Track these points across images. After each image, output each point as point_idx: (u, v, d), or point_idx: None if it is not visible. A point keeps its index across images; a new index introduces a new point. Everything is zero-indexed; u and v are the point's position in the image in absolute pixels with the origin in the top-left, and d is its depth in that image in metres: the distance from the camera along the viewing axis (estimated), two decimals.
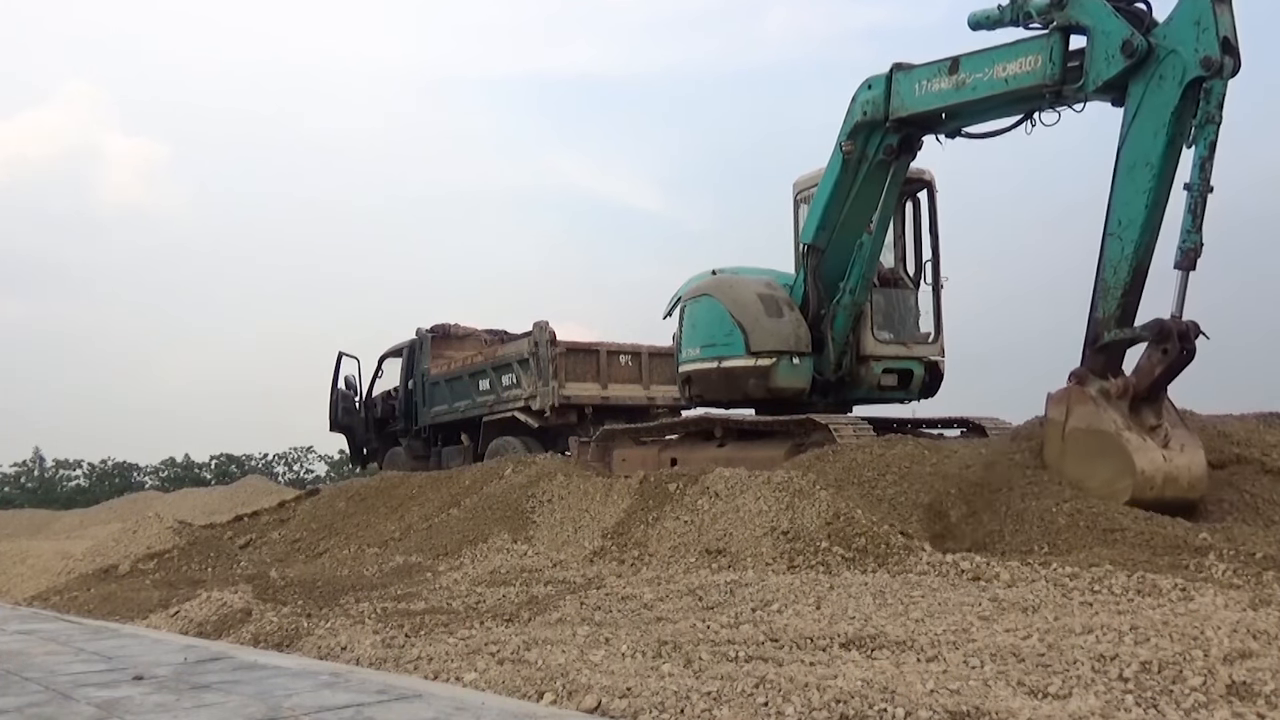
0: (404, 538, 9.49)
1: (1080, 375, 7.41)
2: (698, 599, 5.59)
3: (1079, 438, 7.27)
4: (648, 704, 3.48)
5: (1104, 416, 7.17)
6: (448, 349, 18.13)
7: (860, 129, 9.47)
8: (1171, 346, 7.08)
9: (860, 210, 9.80)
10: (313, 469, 42.55)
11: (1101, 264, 7.51)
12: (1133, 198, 7.34)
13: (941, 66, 8.74)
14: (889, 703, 3.23)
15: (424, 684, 4.17)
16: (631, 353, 16.10)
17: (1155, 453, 7.09)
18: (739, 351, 10.08)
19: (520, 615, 5.51)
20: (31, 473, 41.50)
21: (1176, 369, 7.22)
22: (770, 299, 10.20)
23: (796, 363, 9.96)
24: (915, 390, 10.52)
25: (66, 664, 4.98)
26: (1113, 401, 7.24)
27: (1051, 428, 7.49)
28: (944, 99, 8.79)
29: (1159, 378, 7.24)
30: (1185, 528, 6.64)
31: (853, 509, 6.90)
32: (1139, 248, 7.35)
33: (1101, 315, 7.49)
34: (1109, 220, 7.48)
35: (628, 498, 8.40)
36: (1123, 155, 7.45)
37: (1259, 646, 3.78)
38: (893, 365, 10.33)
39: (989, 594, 5.17)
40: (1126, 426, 7.13)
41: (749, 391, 10.18)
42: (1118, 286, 7.42)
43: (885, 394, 10.48)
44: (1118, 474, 7.03)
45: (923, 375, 10.47)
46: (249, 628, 6.05)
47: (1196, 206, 7.01)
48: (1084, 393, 7.29)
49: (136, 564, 10.63)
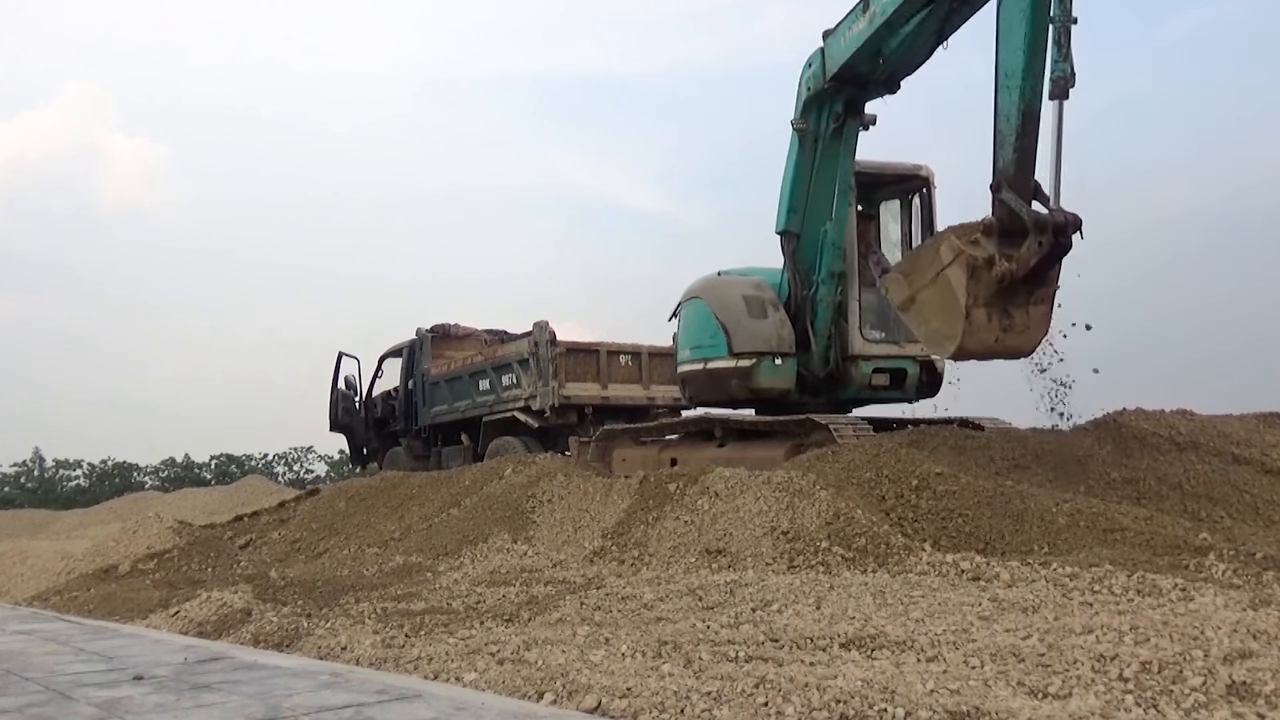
0: (404, 538, 9.49)
1: (987, 226, 7.67)
2: (698, 599, 5.59)
3: (942, 287, 7.67)
4: (648, 704, 3.48)
5: (966, 286, 7.52)
6: (448, 349, 18.13)
7: (810, 105, 9.77)
8: (1045, 240, 7.39)
9: (824, 189, 9.98)
10: (313, 469, 42.57)
11: (996, 117, 7.78)
12: (1013, 50, 7.63)
13: (856, 11, 9.11)
14: (889, 703, 3.23)
15: (424, 684, 4.17)
16: (631, 353, 16.09)
17: (989, 334, 7.57)
18: (722, 353, 10.20)
19: (520, 615, 5.51)
20: (31, 473, 41.48)
21: (1050, 261, 7.53)
22: (756, 300, 10.28)
23: (779, 363, 10.00)
24: (911, 390, 10.41)
25: (67, 664, 4.99)
26: (984, 273, 7.56)
27: (932, 261, 7.87)
28: (863, 37, 9.09)
29: (1034, 269, 7.53)
30: (1185, 528, 6.64)
31: (853, 509, 6.90)
32: (1024, 93, 7.61)
33: (1002, 163, 7.74)
34: (997, 76, 7.77)
35: (628, 498, 8.40)
36: (1001, 13, 7.80)
37: (1259, 646, 3.78)
38: (884, 365, 10.23)
39: (989, 594, 5.17)
40: (977, 304, 7.51)
41: (732, 392, 10.28)
42: (1011, 133, 7.67)
43: (878, 394, 10.38)
44: (945, 338, 7.63)
45: (918, 375, 10.35)
46: (249, 628, 6.06)
47: (1061, 38, 7.39)
48: (970, 257, 7.57)
49: (136, 564, 10.65)
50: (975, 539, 6.71)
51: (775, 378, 10.02)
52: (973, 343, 7.53)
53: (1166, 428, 8.55)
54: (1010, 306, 7.60)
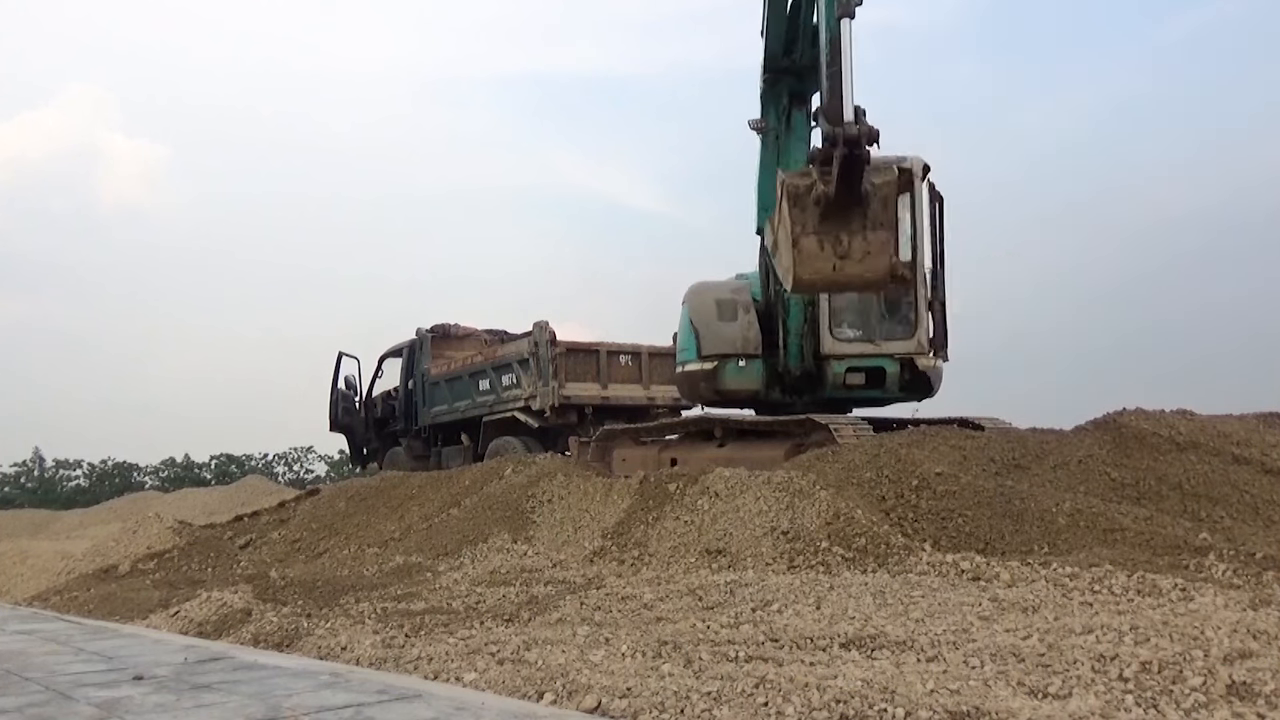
0: (404, 538, 9.49)
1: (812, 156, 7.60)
2: (698, 599, 5.59)
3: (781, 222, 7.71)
4: (648, 704, 3.48)
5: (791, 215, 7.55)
6: (448, 349, 18.15)
7: (764, 103, 10.11)
8: (839, 153, 7.28)
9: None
10: (313, 469, 42.61)
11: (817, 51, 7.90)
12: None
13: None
14: (889, 703, 3.23)
15: (424, 684, 4.17)
16: (631, 353, 16.10)
17: (824, 263, 7.47)
18: (694, 356, 10.53)
19: (520, 615, 5.51)
20: (31, 473, 41.49)
21: (847, 174, 7.38)
22: (729, 303, 10.51)
23: (743, 365, 10.23)
24: (894, 389, 10.16)
25: (67, 664, 4.98)
26: (806, 200, 7.53)
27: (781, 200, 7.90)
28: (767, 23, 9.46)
29: (840, 184, 7.41)
30: (1185, 528, 6.64)
31: (853, 509, 6.90)
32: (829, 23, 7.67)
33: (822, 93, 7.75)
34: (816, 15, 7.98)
35: (628, 498, 8.40)
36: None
37: (1259, 646, 3.78)
38: (858, 364, 10.08)
39: (989, 594, 5.17)
40: (806, 232, 7.51)
41: (702, 394, 10.57)
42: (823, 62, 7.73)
43: (856, 394, 10.22)
44: (785, 272, 7.65)
45: (898, 373, 10.07)
46: (249, 628, 6.05)
47: None
48: (791, 185, 7.54)
49: (136, 564, 10.65)
50: (975, 539, 6.71)
51: (741, 379, 10.25)
52: (807, 272, 7.53)
53: (1166, 428, 8.54)
54: (843, 233, 7.55)
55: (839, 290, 8.53)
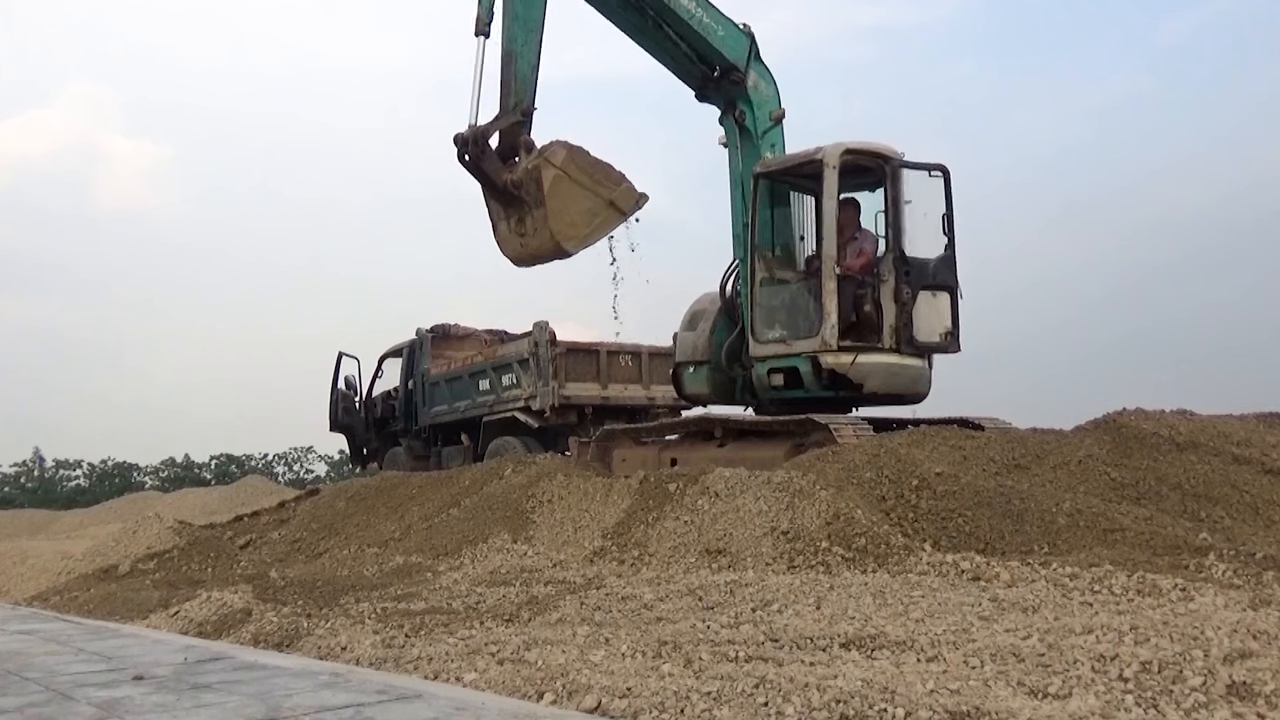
0: (404, 538, 9.49)
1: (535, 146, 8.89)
2: (698, 599, 5.58)
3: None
4: (648, 704, 3.48)
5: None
6: (448, 349, 18.14)
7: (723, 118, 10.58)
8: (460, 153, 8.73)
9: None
10: (313, 469, 42.57)
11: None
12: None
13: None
14: (889, 703, 3.23)
15: (424, 684, 4.17)
16: (631, 353, 16.10)
17: (515, 242, 9.05)
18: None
19: (520, 615, 5.51)
20: (31, 473, 41.46)
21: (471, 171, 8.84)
22: (699, 313, 11.04)
23: (693, 370, 10.96)
24: (814, 388, 9.69)
25: (66, 664, 4.99)
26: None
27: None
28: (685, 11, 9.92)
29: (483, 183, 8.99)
30: (1185, 528, 6.64)
31: (853, 509, 6.90)
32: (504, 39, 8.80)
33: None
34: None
35: (628, 498, 8.40)
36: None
37: (1259, 646, 3.78)
38: (778, 364, 9.96)
39: (989, 594, 5.17)
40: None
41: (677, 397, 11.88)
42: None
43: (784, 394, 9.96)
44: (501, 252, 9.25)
45: (811, 373, 9.61)
46: (249, 628, 6.05)
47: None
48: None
49: (136, 564, 10.63)
50: (975, 539, 6.71)
51: (695, 384, 11.00)
52: (508, 250, 9.12)
53: (1166, 428, 8.53)
54: (520, 216, 8.88)
55: (533, 263, 9.40)
